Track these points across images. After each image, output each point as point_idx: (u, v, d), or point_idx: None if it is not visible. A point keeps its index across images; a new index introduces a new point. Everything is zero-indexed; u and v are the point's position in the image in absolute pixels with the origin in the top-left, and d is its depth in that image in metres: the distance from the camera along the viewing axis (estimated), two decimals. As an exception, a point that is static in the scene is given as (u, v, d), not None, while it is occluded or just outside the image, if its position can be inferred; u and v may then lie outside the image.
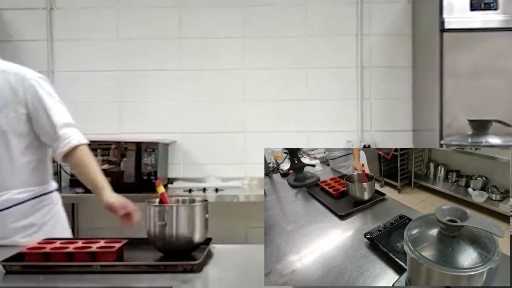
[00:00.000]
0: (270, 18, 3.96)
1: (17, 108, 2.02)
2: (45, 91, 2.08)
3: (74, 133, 2.09)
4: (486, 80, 3.16)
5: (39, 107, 2.05)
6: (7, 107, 2.01)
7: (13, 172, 2.04)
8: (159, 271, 1.65)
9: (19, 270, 1.68)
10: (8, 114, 2.01)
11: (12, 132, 2.02)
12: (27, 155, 2.06)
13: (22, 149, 2.05)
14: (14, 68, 2.09)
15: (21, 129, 2.04)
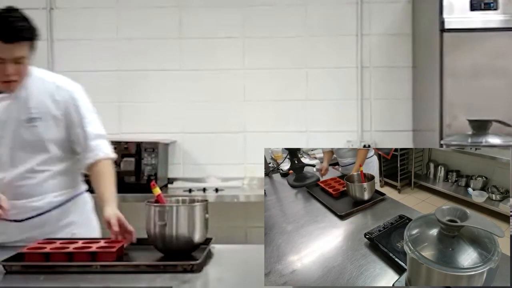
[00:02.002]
0: (270, 18, 3.96)
1: (56, 116, 2.09)
2: (82, 101, 2.15)
3: (104, 145, 2.16)
4: (486, 80, 3.16)
5: (75, 116, 2.12)
6: (47, 115, 2.07)
7: (51, 177, 2.10)
8: (159, 271, 1.65)
9: (19, 270, 1.68)
10: (47, 122, 2.07)
11: (51, 139, 2.09)
12: (63, 161, 2.14)
13: (59, 156, 2.12)
14: (52, 77, 2.17)
15: (58, 136, 2.10)
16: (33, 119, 2.05)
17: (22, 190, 2.06)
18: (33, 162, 2.07)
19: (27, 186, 2.07)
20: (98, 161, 2.12)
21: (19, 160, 2.06)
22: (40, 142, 2.07)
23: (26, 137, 2.05)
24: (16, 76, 1.99)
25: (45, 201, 2.10)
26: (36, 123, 2.05)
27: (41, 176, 2.08)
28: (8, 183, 2.05)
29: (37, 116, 2.06)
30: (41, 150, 2.08)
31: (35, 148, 2.07)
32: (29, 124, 2.05)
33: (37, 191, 2.08)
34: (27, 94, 2.07)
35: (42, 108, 2.07)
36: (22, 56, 1.97)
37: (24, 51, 1.97)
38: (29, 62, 2.03)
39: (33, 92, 2.08)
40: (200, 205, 1.83)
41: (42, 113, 2.07)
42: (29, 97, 2.07)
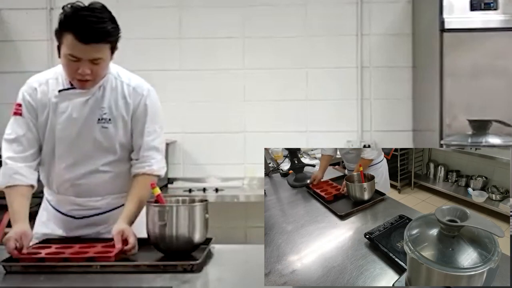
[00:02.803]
0: (270, 18, 3.96)
1: (125, 119, 2.06)
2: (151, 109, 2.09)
3: (156, 161, 2.10)
4: (486, 80, 3.16)
5: (140, 122, 2.07)
6: (118, 117, 2.05)
7: (113, 178, 2.09)
8: (159, 271, 1.65)
9: (19, 270, 1.68)
10: (117, 124, 2.05)
11: (119, 141, 2.06)
12: (126, 164, 2.11)
13: (123, 158, 2.10)
14: (127, 76, 2.11)
15: (125, 139, 2.08)
16: (104, 120, 2.03)
17: (84, 188, 2.06)
18: (98, 162, 2.05)
19: (89, 185, 2.06)
20: (139, 174, 2.07)
21: (86, 159, 2.04)
22: (108, 143, 2.05)
23: (96, 137, 2.03)
24: (91, 76, 1.93)
25: (104, 201, 2.10)
26: (107, 124, 2.03)
27: (104, 176, 2.07)
28: (71, 180, 2.06)
29: (108, 117, 2.03)
30: (108, 151, 2.06)
31: (103, 149, 2.05)
32: (100, 125, 2.02)
33: (98, 191, 2.08)
34: (102, 94, 2.03)
35: (114, 110, 2.04)
36: (99, 58, 1.89)
37: (101, 53, 1.89)
38: (108, 63, 1.97)
39: (108, 93, 2.04)
40: (200, 205, 1.83)
41: (113, 115, 2.04)
42: (103, 97, 2.03)
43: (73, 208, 2.09)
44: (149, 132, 2.09)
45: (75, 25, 1.83)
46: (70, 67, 1.90)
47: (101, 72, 1.96)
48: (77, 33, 1.83)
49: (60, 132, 2.02)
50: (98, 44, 1.86)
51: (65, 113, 2.01)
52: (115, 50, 1.97)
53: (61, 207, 2.11)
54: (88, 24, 1.83)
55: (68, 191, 2.07)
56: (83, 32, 1.83)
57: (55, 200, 2.13)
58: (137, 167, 2.08)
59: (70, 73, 1.93)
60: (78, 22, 1.83)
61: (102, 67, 1.95)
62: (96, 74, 1.94)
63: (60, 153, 2.04)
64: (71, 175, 2.05)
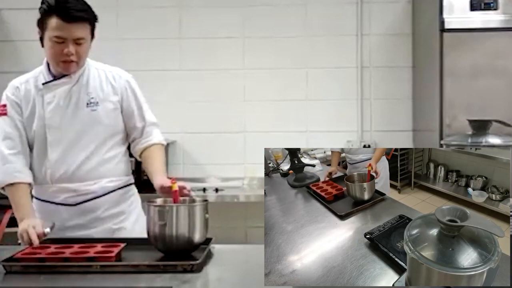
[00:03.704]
0: (270, 18, 3.96)
1: (113, 102, 2.16)
2: (137, 90, 2.24)
3: (157, 132, 2.25)
4: (486, 80, 3.16)
5: (133, 103, 2.20)
6: (106, 100, 2.15)
7: (105, 161, 2.15)
8: (159, 271, 1.65)
9: (19, 270, 1.68)
10: (107, 107, 2.14)
11: (109, 124, 2.15)
12: (117, 146, 2.19)
13: (114, 141, 2.18)
14: (107, 67, 2.24)
15: (116, 122, 2.17)
16: (92, 104, 2.12)
17: (77, 174, 2.10)
18: (90, 147, 2.11)
19: (82, 170, 2.11)
20: (150, 146, 2.20)
21: (77, 144, 2.10)
22: (98, 127, 2.12)
23: (85, 121, 2.10)
24: (75, 57, 2.04)
25: (98, 185, 2.13)
26: (95, 107, 2.12)
27: (96, 160, 2.12)
28: (63, 166, 2.09)
29: (96, 101, 2.12)
30: (99, 135, 2.13)
31: (93, 133, 2.12)
32: (90, 108, 2.11)
33: (91, 175, 2.12)
34: (87, 80, 2.14)
35: (101, 94, 2.14)
36: (82, 37, 2.02)
37: (84, 33, 2.03)
38: (88, 46, 2.08)
39: (92, 79, 2.15)
40: (200, 205, 1.83)
41: (100, 98, 2.13)
42: (88, 83, 2.14)
43: (69, 195, 2.11)
44: (145, 111, 2.23)
45: (59, 7, 2.00)
46: (55, 49, 2.04)
47: (83, 54, 2.08)
48: (62, 14, 1.99)
49: (50, 121, 2.09)
50: (81, 22, 2.01)
51: (52, 103, 2.11)
52: (93, 35, 2.10)
53: (56, 198, 2.12)
54: (70, 5, 2.00)
55: (63, 179, 2.10)
56: (67, 12, 1.98)
57: (49, 193, 2.13)
58: (143, 142, 2.20)
59: (55, 56, 2.06)
60: (61, 5, 2.00)
61: (85, 49, 2.07)
62: (79, 55, 2.05)
63: (51, 141, 2.09)
64: (65, 161, 2.09)
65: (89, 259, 1.70)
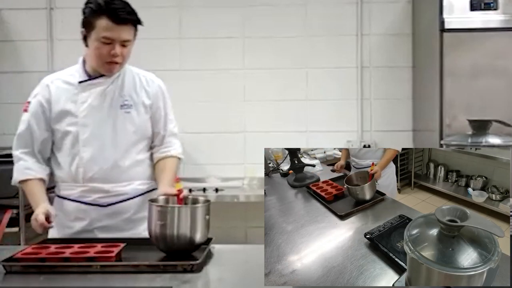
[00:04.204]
0: (270, 18, 3.96)
1: (146, 106, 2.19)
2: (168, 98, 2.28)
3: (176, 144, 2.28)
4: (486, 80, 3.16)
5: (161, 110, 2.23)
6: (139, 104, 2.18)
7: (137, 163, 2.18)
8: (159, 271, 1.65)
9: (19, 270, 1.68)
10: (140, 110, 2.17)
11: (140, 127, 2.17)
12: (145, 150, 2.22)
13: (143, 145, 2.21)
14: (141, 71, 2.28)
15: (146, 126, 2.20)
16: (126, 106, 2.14)
17: (110, 174, 2.11)
18: (122, 148, 2.13)
19: (115, 171, 2.12)
20: (167, 157, 2.22)
21: (110, 144, 2.11)
22: (130, 129, 2.14)
23: (118, 122, 2.12)
24: (120, 58, 2.07)
25: (130, 187, 2.15)
26: (129, 109, 2.14)
27: (128, 161, 2.14)
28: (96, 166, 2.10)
29: (130, 104, 2.15)
30: (130, 137, 2.15)
31: (125, 135, 2.14)
32: (123, 110, 2.14)
33: (124, 177, 2.14)
34: (122, 82, 2.17)
35: (135, 97, 2.17)
36: (129, 39, 2.06)
37: (130, 35, 2.07)
38: (131, 49, 2.12)
39: (127, 82, 2.18)
40: (202, 207, 1.83)
41: (134, 101, 2.16)
42: (124, 85, 2.17)
43: (100, 196, 2.12)
44: (170, 120, 2.26)
45: (109, 9, 2.00)
46: (102, 50, 2.04)
47: (127, 56, 2.12)
48: (112, 15, 2.00)
49: (83, 120, 2.10)
50: (128, 25, 2.04)
51: (86, 102, 2.11)
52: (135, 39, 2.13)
53: (86, 198, 2.12)
54: (120, 7, 2.02)
55: (95, 179, 2.10)
56: (117, 14, 2.00)
57: (78, 192, 2.13)
58: (162, 151, 2.22)
59: (101, 56, 2.06)
60: (111, 6, 2.01)
61: (128, 51, 2.11)
62: (124, 57, 2.09)
63: (84, 140, 2.10)
64: (98, 161, 2.10)
65: (89, 259, 1.70)
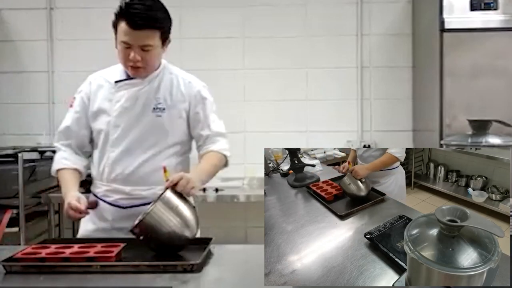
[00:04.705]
0: (270, 18, 3.96)
1: (181, 109, 2.14)
2: (208, 100, 2.22)
3: (221, 142, 2.22)
4: (486, 80, 3.16)
5: (201, 111, 2.17)
6: (173, 107, 2.12)
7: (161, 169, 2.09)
8: (159, 271, 1.65)
9: (19, 270, 1.68)
10: (173, 114, 2.12)
11: (171, 132, 2.13)
12: (175, 156, 2.16)
13: (173, 150, 2.15)
14: (183, 73, 2.23)
15: (179, 130, 2.15)
16: (159, 109, 2.10)
17: (133, 177, 2.09)
18: (149, 152, 2.10)
19: (138, 174, 2.09)
20: (207, 152, 2.16)
21: (137, 147, 2.09)
22: (160, 133, 2.10)
23: (148, 125, 2.09)
24: (142, 63, 2.02)
25: (151, 191, 2.10)
26: (160, 113, 2.10)
27: (153, 166, 2.09)
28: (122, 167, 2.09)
29: (163, 107, 2.10)
30: (159, 142, 2.11)
31: (154, 139, 2.10)
32: (155, 114, 2.09)
33: (146, 181, 2.10)
34: (158, 85, 2.12)
35: (169, 100, 2.12)
36: (149, 44, 1.99)
37: (150, 40, 1.98)
38: (158, 52, 2.05)
39: (164, 84, 2.13)
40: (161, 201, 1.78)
41: (168, 105, 2.11)
42: (160, 87, 2.12)
43: (121, 197, 2.11)
44: (212, 121, 2.20)
45: (127, 12, 1.96)
46: (123, 53, 2.03)
47: (151, 60, 2.05)
48: (128, 20, 1.95)
49: (114, 119, 2.09)
50: (146, 30, 1.96)
51: (119, 101, 2.10)
52: (167, 41, 2.07)
53: (109, 197, 2.12)
54: (137, 11, 1.95)
55: (117, 180, 2.10)
56: (133, 19, 1.95)
57: (103, 191, 2.14)
58: (205, 148, 2.17)
59: (123, 59, 2.04)
60: (129, 10, 1.96)
61: (152, 55, 2.03)
62: (147, 62, 2.03)
63: (113, 140, 2.09)
64: (122, 162, 2.09)
65: (89, 259, 1.70)
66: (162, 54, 2.11)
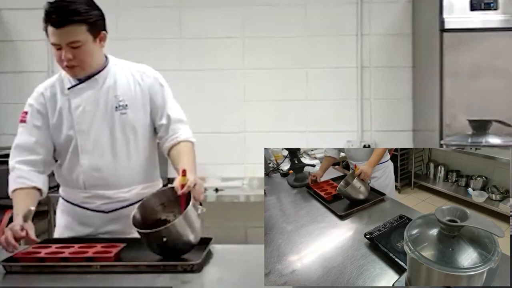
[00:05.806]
0: (270, 18, 3.96)
1: (143, 102, 2.10)
2: (166, 87, 2.16)
3: (184, 129, 2.15)
4: (486, 80, 3.16)
5: (160, 101, 2.12)
6: (135, 102, 2.08)
7: (139, 167, 2.11)
8: (159, 271, 1.65)
9: (19, 270, 1.68)
10: (136, 108, 2.08)
11: (140, 127, 2.09)
12: (149, 149, 2.14)
13: (146, 144, 2.13)
14: (133, 65, 2.18)
15: (145, 123, 2.11)
16: (121, 107, 2.06)
17: (111, 180, 2.06)
18: (123, 152, 2.07)
19: (116, 176, 2.06)
20: (177, 143, 2.10)
21: (109, 149, 2.05)
22: (129, 131, 2.07)
23: (115, 125, 2.05)
24: (76, 61, 1.95)
25: (133, 192, 2.09)
26: (124, 111, 2.06)
27: (130, 166, 2.08)
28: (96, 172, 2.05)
29: (125, 104, 2.06)
30: (130, 139, 2.07)
31: (124, 137, 2.06)
32: (118, 112, 2.05)
33: (126, 182, 2.08)
34: (114, 82, 2.07)
35: (130, 95, 2.07)
36: (76, 40, 1.91)
37: (78, 35, 1.91)
38: (92, 48, 1.98)
39: (119, 80, 2.08)
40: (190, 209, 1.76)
41: (129, 100, 2.07)
42: (116, 85, 2.07)
43: (103, 202, 2.08)
44: (170, 108, 2.13)
45: (48, 13, 1.92)
46: (56, 56, 1.96)
47: (85, 56, 1.97)
48: (49, 20, 1.91)
49: (79, 126, 2.04)
50: (69, 26, 1.90)
51: (79, 107, 2.04)
52: (100, 34, 2.01)
53: (90, 204, 2.09)
54: (57, 9, 1.90)
55: (98, 185, 2.06)
56: (53, 17, 1.90)
57: (81, 198, 2.09)
58: (170, 140, 2.10)
59: (58, 62, 1.97)
60: (50, 10, 1.91)
61: (84, 51, 1.95)
62: (80, 59, 1.95)
63: (83, 147, 2.04)
64: (98, 167, 2.05)
65: (88, 259, 1.70)
66: (99, 49, 2.04)
